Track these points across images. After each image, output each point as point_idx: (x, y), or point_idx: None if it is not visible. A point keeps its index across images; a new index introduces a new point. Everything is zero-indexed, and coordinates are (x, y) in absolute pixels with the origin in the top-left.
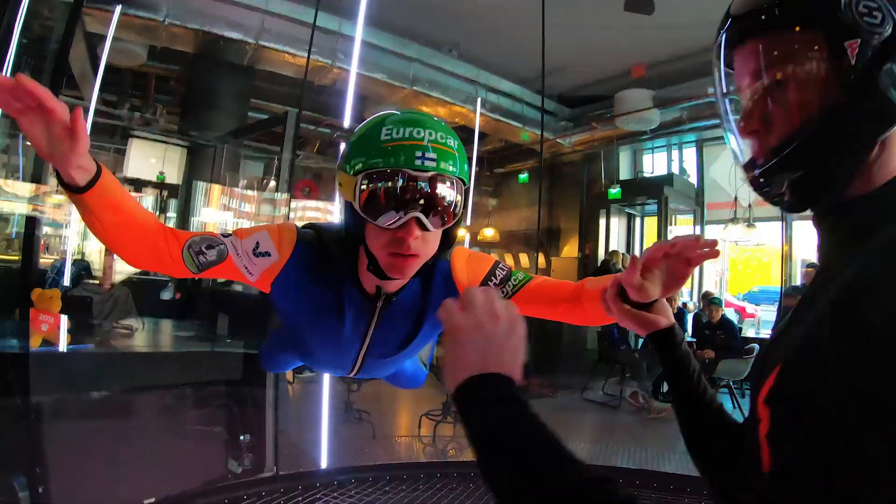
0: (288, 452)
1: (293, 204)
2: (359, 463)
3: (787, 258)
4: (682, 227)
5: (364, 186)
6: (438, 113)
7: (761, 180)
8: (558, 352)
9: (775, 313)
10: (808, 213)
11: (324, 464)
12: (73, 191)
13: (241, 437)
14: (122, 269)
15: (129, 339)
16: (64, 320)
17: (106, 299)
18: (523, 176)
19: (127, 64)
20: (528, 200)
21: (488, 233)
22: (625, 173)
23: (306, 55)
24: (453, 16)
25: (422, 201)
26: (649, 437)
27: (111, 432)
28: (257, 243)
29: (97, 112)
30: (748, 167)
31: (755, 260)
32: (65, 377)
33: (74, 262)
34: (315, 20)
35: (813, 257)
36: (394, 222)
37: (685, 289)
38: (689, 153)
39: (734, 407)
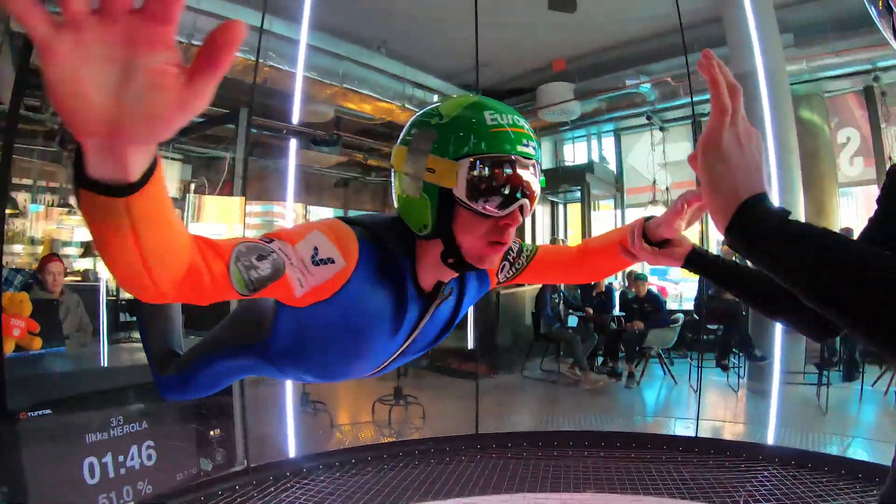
0: (254, 446)
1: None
2: (322, 450)
3: (704, 237)
4: (603, 211)
5: (473, 172)
6: (365, 109)
7: None
8: (495, 334)
9: (696, 286)
10: None
11: (291, 453)
12: (115, 192)
13: (211, 433)
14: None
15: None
16: None
17: (57, 306)
18: None
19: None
20: None
21: None
22: (547, 164)
23: (242, 55)
24: (381, 14)
25: (526, 188)
26: (588, 405)
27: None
28: (316, 249)
29: (22, 118)
30: None
31: None
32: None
33: (17, 270)
34: (262, 23)
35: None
36: (502, 209)
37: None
38: (608, 142)
39: (665, 373)
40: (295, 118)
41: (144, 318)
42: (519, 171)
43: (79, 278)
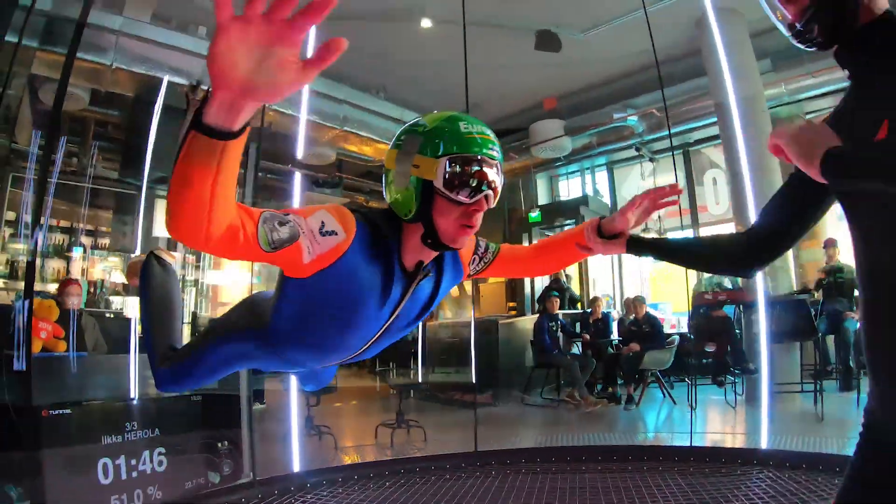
0: (261, 461)
1: None
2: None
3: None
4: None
5: (450, 167)
6: (365, 152)
7: (801, 31)
8: (497, 365)
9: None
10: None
11: (296, 467)
12: (220, 136)
13: (219, 445)
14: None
15: None
16: None
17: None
18: None
19: (68, 108)
20: None
21: None
22: (543, 199)
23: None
24: (380, 59)
25: (490, 183)
26: (588, 426)
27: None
28: (323, 222)
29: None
30: (791, 28)
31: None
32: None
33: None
34: None
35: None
36: (471, 197)
37: (608, 300)
38: (602, 176)
39: (664, 396)
40: (299, 153)
41: (150, 311)
42: (485, 168)
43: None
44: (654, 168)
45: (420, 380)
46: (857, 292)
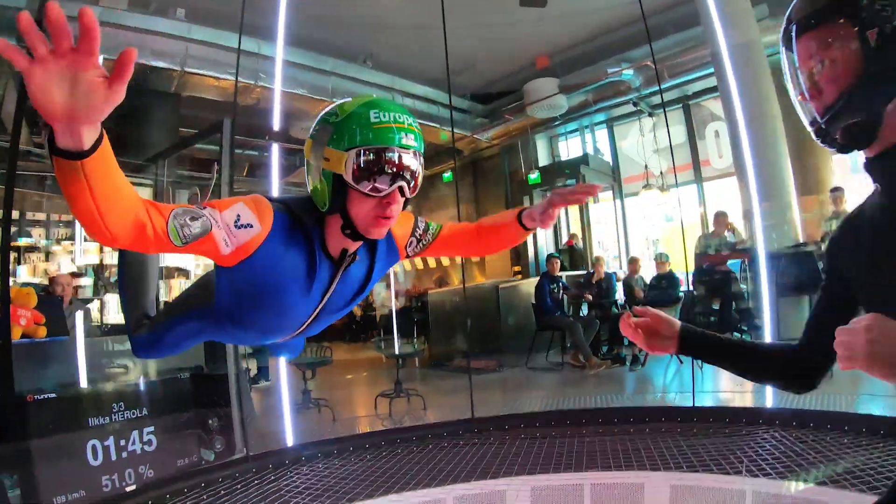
0: (258, 441)
1: None
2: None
3: (704, 219)
4: (603, 203)
5: (357, 160)
6: None
7: (823, 129)
8: (499, 331)
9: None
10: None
11: (289, 441)
12: (75, 156)
13: (210, 422)
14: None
15: None
16: None
17: (68, 316)
18: (447, 175)
19: None
20: (455, 199)
21: None
22: (543, 161)
23: (230, 76)
24: (365, 28)
25: (405, 173)
26: (594, 389)
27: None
28: (238, 215)
29: (24, 155)
30: (813, 123)
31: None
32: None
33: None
34: (240, 42)
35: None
36: (384, 190)
37: (614, 261)
38: (602, 135)
39: (670, 355)
40: (276, 125)
41: (125, 281)
42: (397, 158)
43: None
44: (654, 123)
45: (418, 348)
46: None
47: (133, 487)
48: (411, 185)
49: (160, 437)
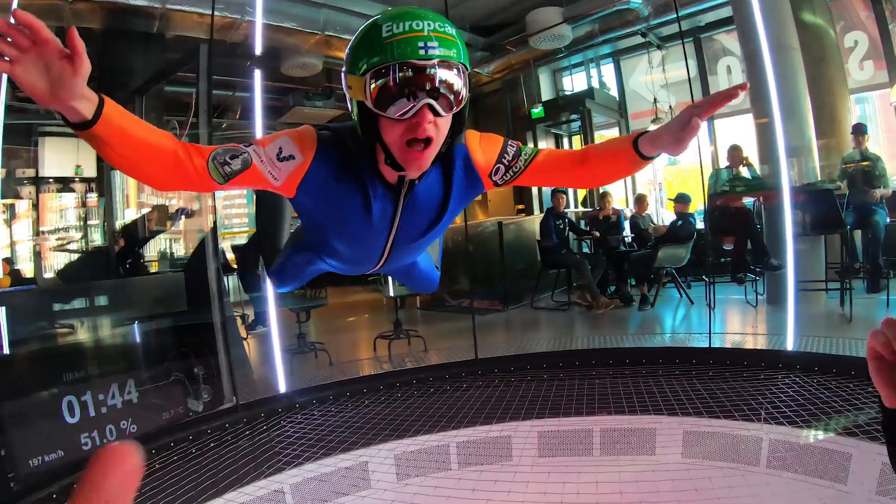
0: (246, 388)
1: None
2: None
3: (715, 157)
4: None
5: (374, 83)
6: None
7: None
8: (503, 270)
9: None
10: None
11: (282, 389)
12: (83, 127)
13: (196, 371)
14: None
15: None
16: None
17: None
18: None
19: None
20: None
21: None
22: (547, 95)
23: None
24: None
25: (430, 88)
26: (601, 329)
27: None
28: (280, 148)
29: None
30: None
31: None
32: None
33: None
34: None
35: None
36: (407, 111)
37: (620, 198)
38: (608, 69)
39: (681, 296)
40: (257, 49)
41: (259, 219)
42: (418, 73)
43: None
44: (662, 57)
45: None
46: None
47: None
48: (444, 100)
49: (143, 389)
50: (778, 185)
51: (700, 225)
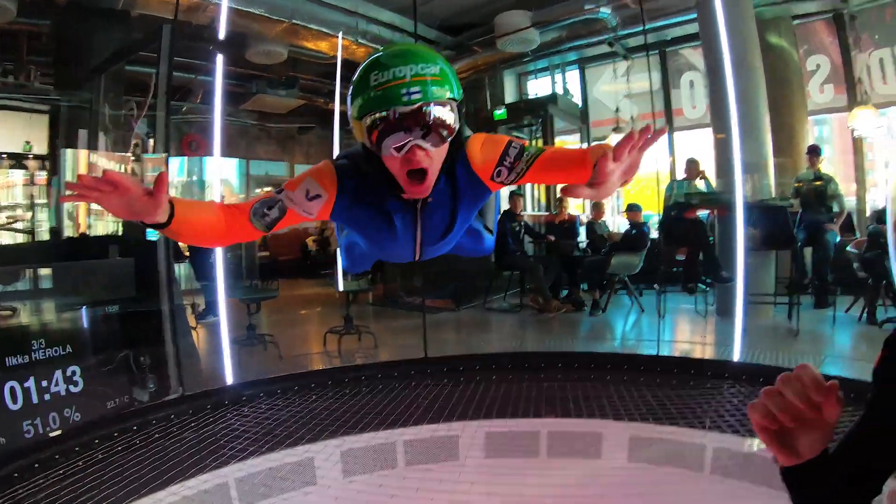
0: (193, 378)
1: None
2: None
3: (673, 169)
4: (569, 146)
5: (368, 126)
6: (320, 47)
7: None
8: (456, 270)
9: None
10: None
11: (230, 380)
12: (158, 227)
13: (142, 359)
14: None
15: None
16: None
17: None
18: None
19: None
20: None
21: None
22: (511, 98)
23: None
24: None
25: (418, 127)
26: (552, 332)
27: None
28: (307, 190)
29: None
30: None
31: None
32: None
33: None
34: None
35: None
36: (400, 146)
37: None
38: (572, 76)
39: (632, 303)
40: (221, 33)
41: None
42: (401, 117)
43: None
44: (628, 67)
45: (367, 283)
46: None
47: (58, 432)
48: (434, 134)
49: (87, 376)
50: (732, 200)
51: (654, 234)
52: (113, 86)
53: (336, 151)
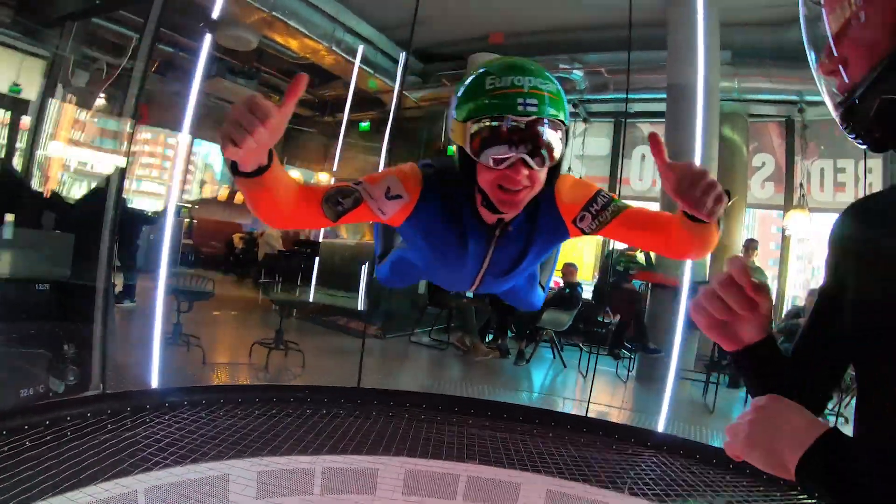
0: (115, 373)
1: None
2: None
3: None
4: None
5: (473, 131)
6: (290, 45)
7: (851, 109)
8: (388, 297)
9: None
10: None
11: (154, 383)
12: (257, 173)
13: (65, 347)
14: None
15: None
16: None
17: None
18: (364, 125)
19: None
20: (365, 150)
21: (322, 177)
22: None
23: None
24: None
25: (526, 143)
26: (475, 377)
27: None
28: (388, 188)
29: None
30: (838, 106)
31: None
32: None
33: None
34: None
35: None
36: (502, 160)
37: None
38: None
39: (554, 357)
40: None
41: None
42: (513, 127)
43: None
44: (585, 129)
45: (309, 298)
46: None
47: None
48: (539, 155)
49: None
50: (673, 276)
51: (587, 295)
52: (80, 39)
53: None
